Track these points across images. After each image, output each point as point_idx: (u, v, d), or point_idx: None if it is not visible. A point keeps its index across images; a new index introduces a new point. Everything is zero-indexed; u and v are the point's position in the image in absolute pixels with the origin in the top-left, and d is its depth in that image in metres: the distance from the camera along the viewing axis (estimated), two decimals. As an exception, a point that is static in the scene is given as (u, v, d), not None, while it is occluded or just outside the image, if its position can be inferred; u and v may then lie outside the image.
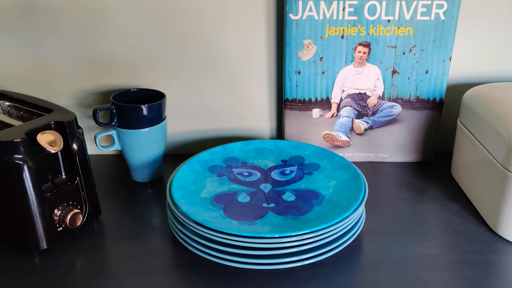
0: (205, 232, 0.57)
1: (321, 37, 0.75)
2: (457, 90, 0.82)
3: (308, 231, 0.55)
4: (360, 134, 0.82)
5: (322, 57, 0.77)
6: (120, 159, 0.86)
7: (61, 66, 0.81)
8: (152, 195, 0.75)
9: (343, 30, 0.75)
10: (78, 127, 0.64)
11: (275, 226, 0.58)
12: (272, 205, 0.63)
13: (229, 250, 0.56)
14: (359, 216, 0.62)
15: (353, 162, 0.82)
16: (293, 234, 0.55)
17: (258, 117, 0.86)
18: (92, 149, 0.84)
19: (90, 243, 0.64)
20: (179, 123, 0.86)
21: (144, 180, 0.78)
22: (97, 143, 0.75)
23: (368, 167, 0.82)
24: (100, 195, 0.72)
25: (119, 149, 0.76)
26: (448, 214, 0.69)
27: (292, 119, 0.81)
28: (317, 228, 0.56)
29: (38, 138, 0.58)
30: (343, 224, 0.58)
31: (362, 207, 0.62)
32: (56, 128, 0.61)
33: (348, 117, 0.81)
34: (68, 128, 0.62)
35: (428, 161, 0.84)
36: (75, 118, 0.63)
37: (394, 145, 0.82)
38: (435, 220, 0.68)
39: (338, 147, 0.83)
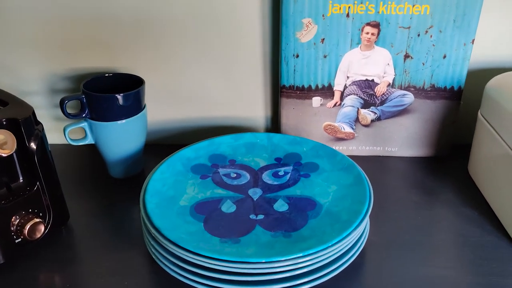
0: (180, 253, 0.48)
1: (322, 16, 0.65)
2: (478, 78, 0.72)
3: (300, 254, 0.47)
4: (366, 126, 0.73)
5: (324, 39, 0.67)
6: (95, 149, 0.77)
7: (28, 46, 0.72)
8: (129, 195, 0.67)
9: (349, 7, 0.65)
10: (37, 122, 0.56)
11: (261, 247, 0.50)
12: (260, 217, 0.54)
13: (208, 274, 0.48)
14: (362, 232, 0.53)
15: (357, 157, 0.74)
16: (282, 259, 0.47)
17: (252, 106, 0.77)
18: (61, 139, 0.75)
19: (54, 255, 0.56)
20: (162, 110, 0.77)
21: (122, 176, 0.70)
22: (67, 137, 0.66)
23: (374, 162, 0.74)
24: (70, 194, 0.63)
25: (93, 142, 0.68)
26: (464, 223, 0.61)
27: (290, 108, 0.72)
28: (310, 252, 0.47)
29: (-15, 140, 0.50)
30: (342, 244, 0.49)
31: (366, 221, 0.53)
32: (9, 126, 0.52)
33: (353, 106, 0.72)
34: (23, 126, 0.53)
35: (442, 156, 0.74)
36: (33, 113, 0.55)
37: (404, 138, 0.73)
38: (449, 231, 0.60)
39: (341, 139, 0.74)
